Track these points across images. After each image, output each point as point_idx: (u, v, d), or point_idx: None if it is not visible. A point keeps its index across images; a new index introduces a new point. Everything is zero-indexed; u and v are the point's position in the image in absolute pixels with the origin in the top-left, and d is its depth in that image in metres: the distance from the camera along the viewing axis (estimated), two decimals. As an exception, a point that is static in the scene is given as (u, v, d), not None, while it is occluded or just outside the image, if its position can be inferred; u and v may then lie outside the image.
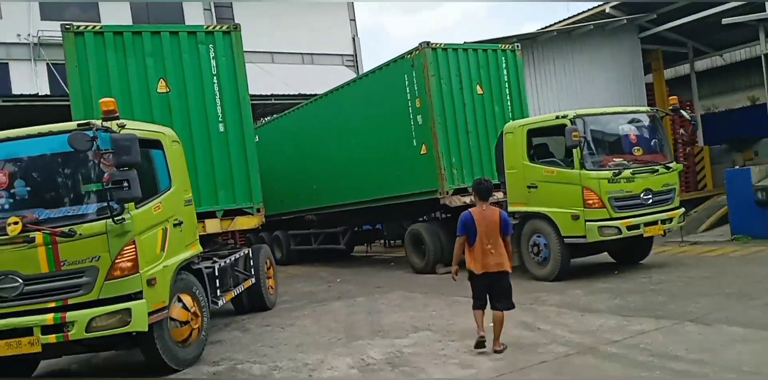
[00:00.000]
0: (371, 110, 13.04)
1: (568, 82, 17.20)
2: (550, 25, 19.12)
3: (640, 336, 5.86)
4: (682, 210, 9.85)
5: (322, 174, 14.84)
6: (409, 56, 11.94)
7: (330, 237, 15.17)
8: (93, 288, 5.49)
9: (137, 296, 5.65)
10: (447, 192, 11.45)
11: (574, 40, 17.43)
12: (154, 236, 6.06)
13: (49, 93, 20.10)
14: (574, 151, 9.03)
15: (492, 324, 5.87)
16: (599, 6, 18.45)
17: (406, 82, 12.03)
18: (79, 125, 5.60)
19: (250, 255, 9.03)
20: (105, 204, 5.50)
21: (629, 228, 9.05)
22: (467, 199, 11.60)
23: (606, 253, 10.47)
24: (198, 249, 7.26)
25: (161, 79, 8.45)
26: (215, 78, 8.85)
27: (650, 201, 9.34)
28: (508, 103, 12.48)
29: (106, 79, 8.26)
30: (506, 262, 5.97)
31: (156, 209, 6.18)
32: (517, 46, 12.74)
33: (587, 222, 8.99)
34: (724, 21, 13.40)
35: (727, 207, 13.63)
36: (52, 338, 5.39)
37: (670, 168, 9.61)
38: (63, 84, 17.59)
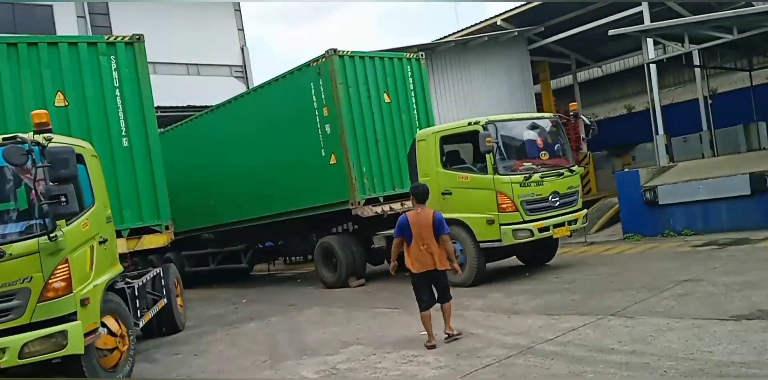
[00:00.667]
0: (275, 120, 12.67)
1: (466, 92, 17.72)
2: (447, 36, 19.64)
3: (571, 333, 5.99)
4: (585, 211, 10.32)
5: (221, 188, 14.17)
6: (315, 63, 11.74)
7: (230, 255, 14.39)
8: (24, 312, 5.12)
9: (71, 318, 5.30)
10: (359, 203, 11.31)
11: (470, 51, 18.01)
12: (83, 254, 5.75)
13: None
14: (487, 156, 9.20)
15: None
16: (491, 18, 19.26)
17: (313, 90, 11.82)
18: (4, 139, 5.33)
19: (161, 274, 8.49)
20: (32, 221, 5.23)
21: (540, 230, 9.34)
22: (379, 209, 11.57)
23: (515, 257, 10.74)
24: (119, 268, 6.86)
25: (59, 92, 8.02)
26: (117, 90, 8.48)
27: (557, 203, 9.70)
28: (415, 112, 12.57)
29: None
30: (442, 261, 6.32)
31: (84, 226, 5.84)
32: (422, 55, 12.91)
33: (502, 226, 9.19)
34: (611, 32, 14.34)
35: (614, 208, 14.55)
36: None
37: (574, 171, 10.06)
38: None
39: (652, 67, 15.91)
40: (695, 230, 12.03)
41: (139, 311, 7.24)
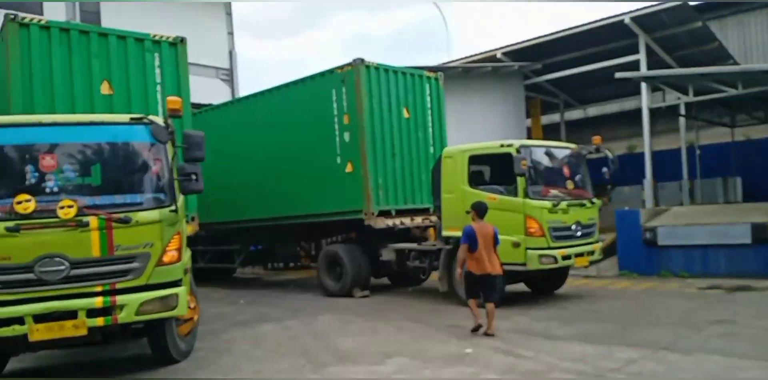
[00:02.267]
0: (290, 124, 12.39)
1: (464, 117, 17.75)
2: (451, 61, 19.81)
3: (633, 365, 5.85)
4: (601, 243, 10.37)
5: (224, 185, 13.63)
6: (339, 71, 11.58)
7: (221, 255, 13.97)
8: (142, 274, 5.66)
9: (178, 283, 5.94)
10: (373, 214, 11.09)
11: (472, 79, 18.20)
12: (184, 229, 6.37)
13: None
14: (519, 179, 9.17)
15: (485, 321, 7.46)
16: (491, 51, 19.57)
17: (334, 97, 11.63)
18: (132, 118, 5.98)
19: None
20: (156, 194, 5.88)
21: (564, 258, 9.31)
22: (390, 222, 11.36)
23: (522, 283, 10.64)
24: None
25: (105, 81, 8.16)
26: (159, 86, 8.63)
27: (579, 233, 9.72)
28: (430, 130, 12.52)
29: (48, 75, 7.84)
30: (497, 267, 7.63)
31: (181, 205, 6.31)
32: (440, 75, 12.90)
33: (528, 250, 9.10)
34: (617, 75, 14.69)
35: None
36: (100, 321, 5.48)
37: (594, 203, 10.12)
38: None
39: (646, 113, 16.42)
40: (692, 273, 12.22)
41: None
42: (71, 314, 5.40)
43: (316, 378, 5.83)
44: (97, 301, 5.47)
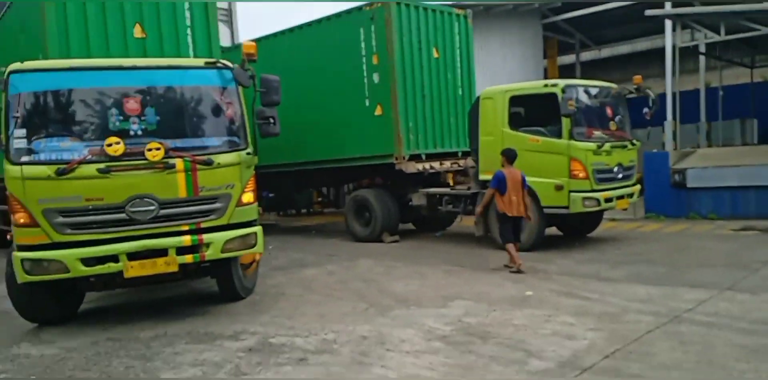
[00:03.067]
0: (314, 65, 11.96)
1: (483, 58, 17.21)
2: (469, -1, 19.06)
3: (705, 305, 5.83)
4: (639, 186, 10.24)
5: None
6: (368, 8, 11.08)
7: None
8: (224, 214, 5.88)
9: (254, 223, 6.16)
10: (404, 158, 10.87)
11: (491, 19, 17.59)
12: None
13: None
14: (564, 120, 8.93)
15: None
16: (510, -14, 18.80)
17: (362, 37, 11.18)
18: (207, 63, 6.05)
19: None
20: (229, 138, 6.01)
21: (606, 200, 9.19)
22: (421, 166, 11.17)
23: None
24: None
25: (137, 24, 8.03)
26: (189, 30, 8.48)
27: (620, 175, 9.58)
28: (459, 71, 12.14)
29: (82, 17, 7.73)
30: (527, 210, 8.20)
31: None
32: (469, 12, 12.40)
33: (571, 193, 8.97)
34: (647, 12, 14.19)
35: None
36: (189, 258, 5.72)
37: (635, 144, 9.93)
38: None
39: (669, 52, 15.98)
40: (721, 215, 12.20)
41: None
42: (162, 252, 5.63)
43: (385, 321, 5.76)
44: (186, 239, 5.70)
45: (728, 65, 19.14)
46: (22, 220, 5.35)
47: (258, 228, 6.13)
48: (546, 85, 9.21)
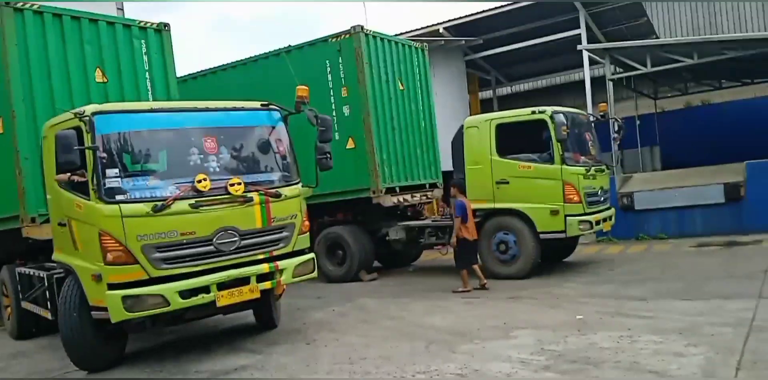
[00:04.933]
0: (273, 97, 11.40)
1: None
2: (402, 33, 19.38)
3: (760, 312, 5.99)
4: (613, 209, 10.60)
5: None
6: (334, 40, 10.88)
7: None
8: (290, 242, 6.32)
9: (308, 250, 6.63)
10: (381, 191, 10.58)
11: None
12: None
13: None
14: (556, 146, 9.09)
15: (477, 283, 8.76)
16: (434, 25, 19.39)
17: (329, 69, 10.94)
18: (261, 105, 6.55)
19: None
20: (285, 172, 6.50)
21: (596, 223, 9.40)
22: (396, 199, 10.93)
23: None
24: None
25: (98, 68, 8.10)
26: (147, 73, 8.61)
27: (602, 198, 9.88)
28: (420, 102, 12.16)
29: (45, 62, 7.69)
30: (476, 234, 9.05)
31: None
32: (426, 46, 12.55)
33: (567, 217, 9.08)
34: (580, 47, 15.14)
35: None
36: (267, 284, 6.09)
37: (610, 168, 10.32)
38: None
39: (588, 83, 17.03)
40: (669, 234, 12.91)
41: None
42: (245, 280, 5.90)
43: (464, 358, 5.38)
44: (264, 267, 6.04)
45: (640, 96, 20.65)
46: (116, 258, 5.35)
47: (312, 255, 6.57)
48: (534, 112, 9.37)
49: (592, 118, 10.66)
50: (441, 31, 19.29)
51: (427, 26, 19.57)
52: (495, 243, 9.49)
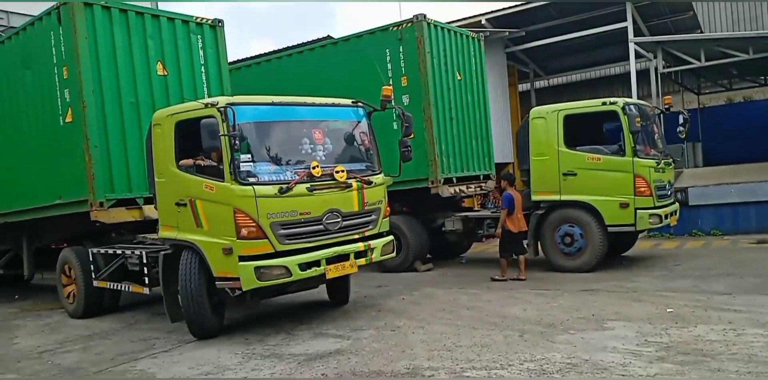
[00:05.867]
0: (331, 88, 11.36)
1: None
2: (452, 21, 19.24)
3: None
4: (678, 204, 10.43)
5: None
6: (396, 28, 10.77)
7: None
8: (377, 224, 7.03)
9: (389, 232, 7.31)
10: (440, 181, 10.50)
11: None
12: None
13: None
14: (628, 138, 8.95)
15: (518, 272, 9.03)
16: (476, 16, 19.22)
17: (388, 58, 10.82)
18: (353, 102, 7.28)
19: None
20: (371, 163, 7.16)
21: (666, 216, 9.26)
22: (453, 190, 10.85)
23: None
24: None
25: (159, 62, 8.40)
26: (203, 68, 8.88)
27: (669, 192, 9.73)
28: (476, 93, 12.02)
29: (112, 56, 8.01)
30: (525, 225, 9.22)
31: None
32: (482, 36, 12.42)
33: (637, 211, 8.95)
34: (632, 39, 14.94)
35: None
36: (362, 261, 6.79)
37: (676, 161, 10.16)
38: None
39: (634, 76, 16.79)
40: (723, 230, 12.74)
41: None
42: (344, 257, 6.55)
43: (567, 348, 5.30)
44: (360, 246, 6.74)
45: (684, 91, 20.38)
46: (249, 233, 5.97)
47: (392, 237, 7.24)
48: (604, 103, 9.24)
49: (657, 111, 10.49)
50: (483, 22, 19.08)
51: (469, 17, 19.38)
52: (559, 235, 9.39)
